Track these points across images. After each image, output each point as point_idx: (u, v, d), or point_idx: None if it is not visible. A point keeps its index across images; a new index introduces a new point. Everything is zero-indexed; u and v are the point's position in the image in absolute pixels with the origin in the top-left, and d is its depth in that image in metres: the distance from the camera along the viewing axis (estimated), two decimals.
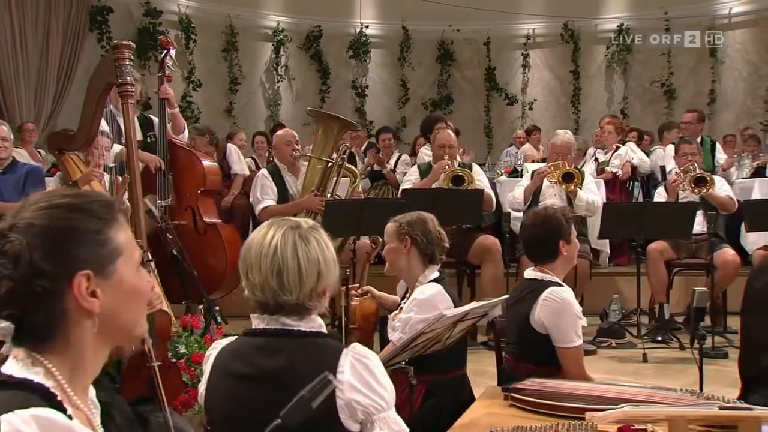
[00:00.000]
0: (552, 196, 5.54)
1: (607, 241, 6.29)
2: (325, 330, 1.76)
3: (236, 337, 1.80)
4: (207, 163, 5.18)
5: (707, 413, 2.05)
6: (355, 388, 1.64)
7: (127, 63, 3.91)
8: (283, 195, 5.35)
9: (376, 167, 7.08)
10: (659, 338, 5.06)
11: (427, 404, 2.84)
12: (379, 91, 11.50)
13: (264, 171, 5.49)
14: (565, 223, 2.91)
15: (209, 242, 5.05)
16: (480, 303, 2.63)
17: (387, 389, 1.68)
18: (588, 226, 5.65)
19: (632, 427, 2.18)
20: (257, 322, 1.74)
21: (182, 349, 3.40)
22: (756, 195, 6.08)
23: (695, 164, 5.42)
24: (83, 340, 1.18)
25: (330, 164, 5.28)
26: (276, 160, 5.55)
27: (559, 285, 2.84)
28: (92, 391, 1.32)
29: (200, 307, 4.72)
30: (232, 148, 7.14)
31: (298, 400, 1.46)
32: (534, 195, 5.59)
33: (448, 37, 11.33)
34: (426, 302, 2.78)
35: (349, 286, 3.23)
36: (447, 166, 5.23)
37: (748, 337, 2.80)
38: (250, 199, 5.51)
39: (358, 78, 11.38)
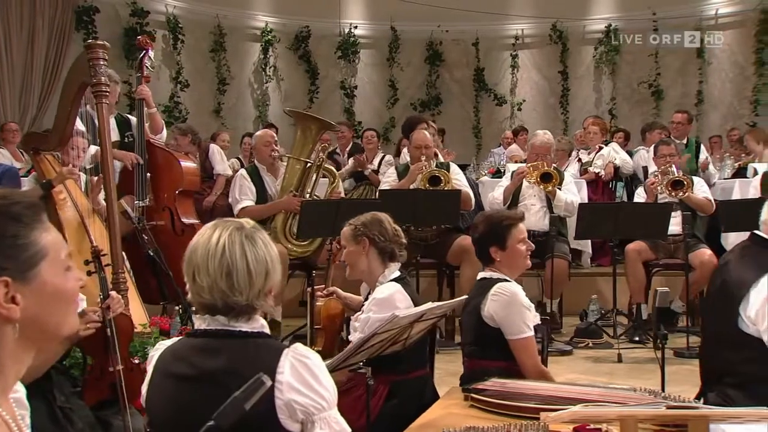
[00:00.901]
0: (531, 197, 5.56)
1: (589, 241, 6.31)
2: (267, 331, 1.77)
3: (180, 338, 1.81)
4: (185, 163, 5.18)
5: (655, 412, 2.06)
6: (295, 389, 1.64)
7: (102, 63, 3.92)
8: (262, 195, 5.37)
9: (359, 168, 7.08)
10: (636, 338, 5.08)
11: (389, 404, 2.85)
12: (368, 91, 11.50)
13: (243, 171, 5.50)
14: (502, 229, 2.92)
15: (187, 243, 5.02)
16: (437, 304, 2.64)
17: (328, 389, 1.69)
18: (568, 226, 5.66)
19: (587, 427, 2.19)
20: (199, 323, 1.74)
21: (151, 351, 3.40)
22: (736, 195, 6.10)
23: (673, 165, 5.44)
24: (3, 345, 1.17)
25: (308, 165, 5.29)
26: (255, 161, 5.56)
27: (507, 281, 2.88)
28: (21, 392, 1.32)
29: (177, 307, 4.74)
30: (214, 149, 7.13)
31: (231, 401, 1.47)
32: (514, 195, 5.61)
33: (437, 37, 11.33)
34: (385, 301, 2.79)
35: (315, 287, 3.24)
36: (424, 167, 5.24)
37: (706, 334, 2.83)
38: (229, 200, 5.52)
39: (346, 78, 11.37)
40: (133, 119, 5.06)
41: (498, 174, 6.86)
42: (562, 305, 5.57)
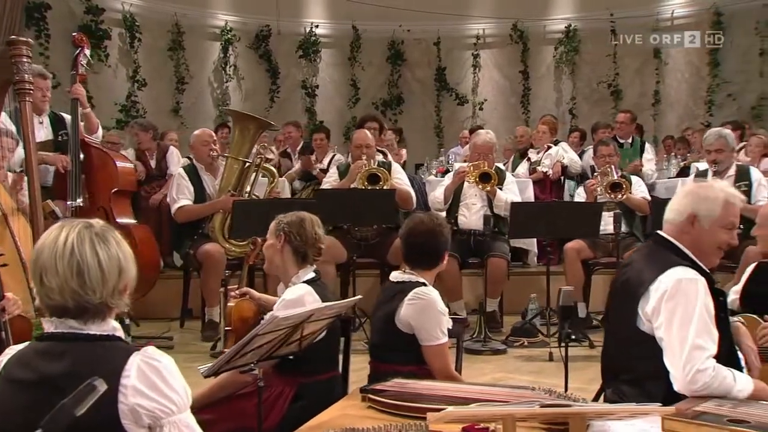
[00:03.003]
0: (473, 196, 5.57)
1: (535, 240, 6.34)
2: (119, 334, 1.74)
3: (28, 342, 1.77)
4: (121, 163, 5.14)
5: (529, 411, 2.06)
6: (141, 392, 1.61)
7: (25, 60, 3.86)
8: (201, 195, 5.34)
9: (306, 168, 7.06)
10: (573, 337, 5.09)
11: (296, 406, 2.83)
12: (330, 91, 11.48)
13: (181, 170, 5.46)
14: (448, 234, 2.99)
15: None
16: (326, 304, 2.61)
17: (178, 392, 1.66)
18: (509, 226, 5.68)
19: (476, 426, 2.20)
20: (48, 326, 1.71)
21: None
22: None
23: (612, 166, 5.48)
24: None
25: (247, 164, 5.27)
26: (194, 160, 5.52)
27: (425, 285, 2.87)
28: None
29: None
30: (173, 151, 7.05)
31: (59, 407, 1.43)
32: (456, 195, 5.61)
33: (399, 37, 11.34)
34: (294, 303, 2.77)
35: (228, 287, 3.21)
36: (363, 166, 5.23)
37: (608, 331, 2.85)
38: (167, 199, 5.47)
39: (308, 78, 11.35)
40: (68, 117, 5.00)
41: (448, 173, 6.85)
42: (502, 304, 5.59)
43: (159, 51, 10.36)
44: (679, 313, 2.38)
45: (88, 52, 5.16)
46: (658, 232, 2.70)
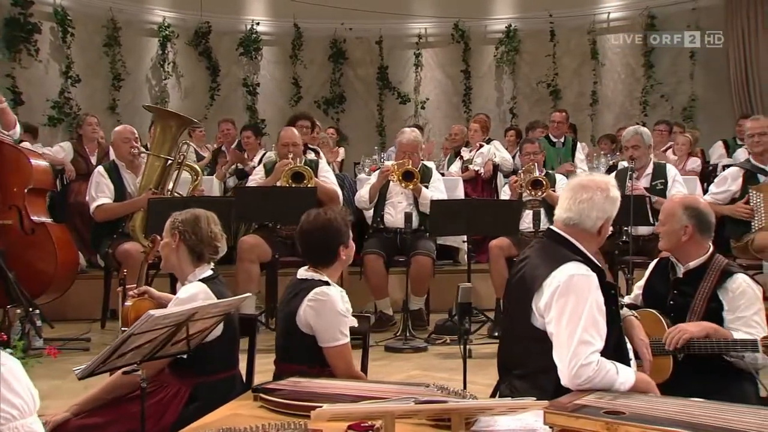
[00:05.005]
0: (398, 194, 5.57)
1: (464, 238, 6.36)
2: None
3: None
4: (36, 162, 5.01)
5: (405, 408, 2.05)
6: None
7: None
8: (121, 193, 5.22)
9: (240, 165, 6.96)
10: (495, 334, 5.13)
11: (191, 407, 2.77)
12: (272, 89, 11.38)
13: (100, 168, 5.32)
14: (345, 227, 2.91)
15: (37, 242, 4.89)
16: (210, 302, 2.57)
17: (21, 397, 1.60)
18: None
19: (362, 424, 2.18)
20: None
21: None
22: None
23: (536, 164, 5.53)
24: None
25: (169, 162, 5.16)
26: (114, 158, 5.39)
27: (327, 284, 2.82)
28: None
29: (18, 311, 4.56)
30: None
31: None
32: (382, 193, 5.60)
33: (341, 35, 11.30)
34: (186, 301, 2.71)
35: (127, 286, 3.13)
36: (288, 164, 5.18)
37: (503, 327, 2.87)
38: (86, 198, 5.33)
39: (249, 76, 11.21)
40: None
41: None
42: (429, 302, 5.59)
43: (94, 46, 10.09)
44: (569, 308, 2.40)
45: None
46: (551, 227, 2.72)
